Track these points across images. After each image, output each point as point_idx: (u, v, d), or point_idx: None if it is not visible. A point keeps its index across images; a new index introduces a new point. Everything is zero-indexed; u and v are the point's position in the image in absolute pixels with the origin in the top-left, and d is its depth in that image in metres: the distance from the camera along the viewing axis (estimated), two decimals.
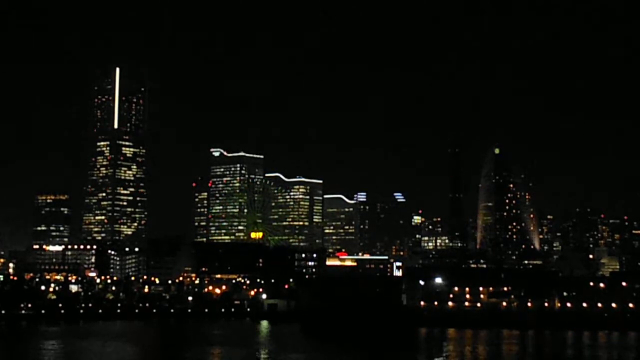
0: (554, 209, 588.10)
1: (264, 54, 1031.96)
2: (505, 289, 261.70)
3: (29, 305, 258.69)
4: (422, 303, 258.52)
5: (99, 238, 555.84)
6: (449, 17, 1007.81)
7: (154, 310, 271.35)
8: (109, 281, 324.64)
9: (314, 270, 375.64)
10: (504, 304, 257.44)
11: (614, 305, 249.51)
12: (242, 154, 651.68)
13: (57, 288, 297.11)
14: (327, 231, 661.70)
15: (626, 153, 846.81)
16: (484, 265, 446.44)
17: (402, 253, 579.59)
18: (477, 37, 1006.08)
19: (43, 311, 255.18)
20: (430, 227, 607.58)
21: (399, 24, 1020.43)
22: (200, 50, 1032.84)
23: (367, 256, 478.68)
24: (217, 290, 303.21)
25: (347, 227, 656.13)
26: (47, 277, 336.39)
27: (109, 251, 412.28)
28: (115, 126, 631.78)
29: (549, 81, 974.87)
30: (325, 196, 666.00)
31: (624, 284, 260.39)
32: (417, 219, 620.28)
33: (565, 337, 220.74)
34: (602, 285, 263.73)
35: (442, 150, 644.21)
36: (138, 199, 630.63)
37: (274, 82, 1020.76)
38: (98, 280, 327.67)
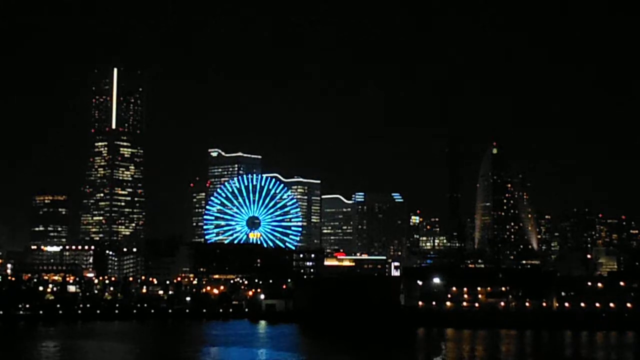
0: (552, 208, 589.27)
1: (263, 54, 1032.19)
2: (503, 289, 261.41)
3: (27, 305, 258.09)
4: (420, 303, 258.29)
5: (97, 238, 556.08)
6: (446, 18, 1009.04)
7: (152, 311, 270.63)
8: (107, 282, 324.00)
9: (312, 270, 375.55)
10: (502, 304, 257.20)
11: (612, 305, 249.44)
12: (239, 154, 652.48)
13: (55, 288, 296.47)
14: (325, 231, 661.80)
15: (625, 152, 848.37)
16: (482, 265, 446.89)
17: (400, 253, 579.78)
18: (475, 35, 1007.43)
19: (41, 312, 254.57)
20: (428, 227, 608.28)
21: (402, 23, 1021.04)
22: (199, 50, 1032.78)
23: (365, 256, 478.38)
24: (215, 291, 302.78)
25: (345, 227, 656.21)
26: (45, 277, 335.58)
27: (107, 252, 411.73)
28: (113, 126, 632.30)
29: (547, 80, 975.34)
30: (324, 196, 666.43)
31: (622, 283, 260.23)
32: (415, 219, 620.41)
33: (563, 337, 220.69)
34: (600, 285, 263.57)
35: (440, 149, 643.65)
36: (136, 199, 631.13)
37: (273, 82, 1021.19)
38: (96, 281, 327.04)
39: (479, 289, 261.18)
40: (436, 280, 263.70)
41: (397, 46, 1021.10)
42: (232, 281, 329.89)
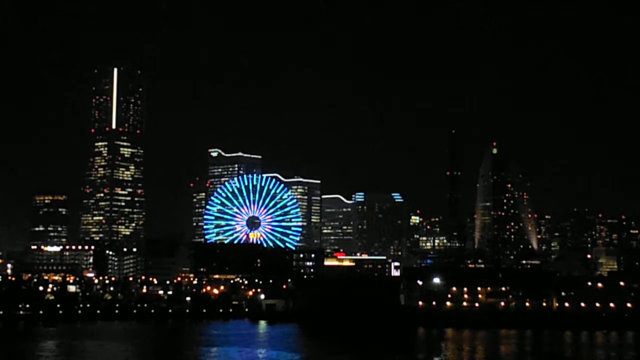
0: (552, 208, 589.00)
1: (263, 55, 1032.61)
2: (503, 289, 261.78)
3: (27, 305, 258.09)
4: (420, 303, 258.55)
5: (97, 238, 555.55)
6: (447, 17, 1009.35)
7: (152, 311, 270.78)
8: (107, 282, 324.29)
9: (312, 270, 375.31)
10: (502, 304, 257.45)
11: (612, 305, 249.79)
12: (239, 154, 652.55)
13: (55, 288, 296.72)
14: (325, 231, 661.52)
15: (625, 152, 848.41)
16: (482, 265, 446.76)
17: (400, 253, 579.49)
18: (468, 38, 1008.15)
19: (41, 312, 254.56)
20: (428, 227, 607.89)
21: (402, 22, 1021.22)
22: (198, 50, 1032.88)
23: (365, 256, 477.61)
24: (215, 291, 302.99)
25: (345, 227, 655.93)
26: (45, 277, 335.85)
27: (107, 252, 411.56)
28: (113, 126, 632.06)
29: (546, 80, 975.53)
30: (324, 196, 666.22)
31: (622, 283, 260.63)
32: (415, 219, 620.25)
33: (563, 337, 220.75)
34: (600, 285, 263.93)
35: (440, 149, 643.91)
36: (136, 199, 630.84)
37: (273, 82, 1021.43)
38: (96, 281, 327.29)
39: (479, 289, 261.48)
40: (436, 280, 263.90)
41: (397, 46, 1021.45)
42: (232, 281, 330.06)
